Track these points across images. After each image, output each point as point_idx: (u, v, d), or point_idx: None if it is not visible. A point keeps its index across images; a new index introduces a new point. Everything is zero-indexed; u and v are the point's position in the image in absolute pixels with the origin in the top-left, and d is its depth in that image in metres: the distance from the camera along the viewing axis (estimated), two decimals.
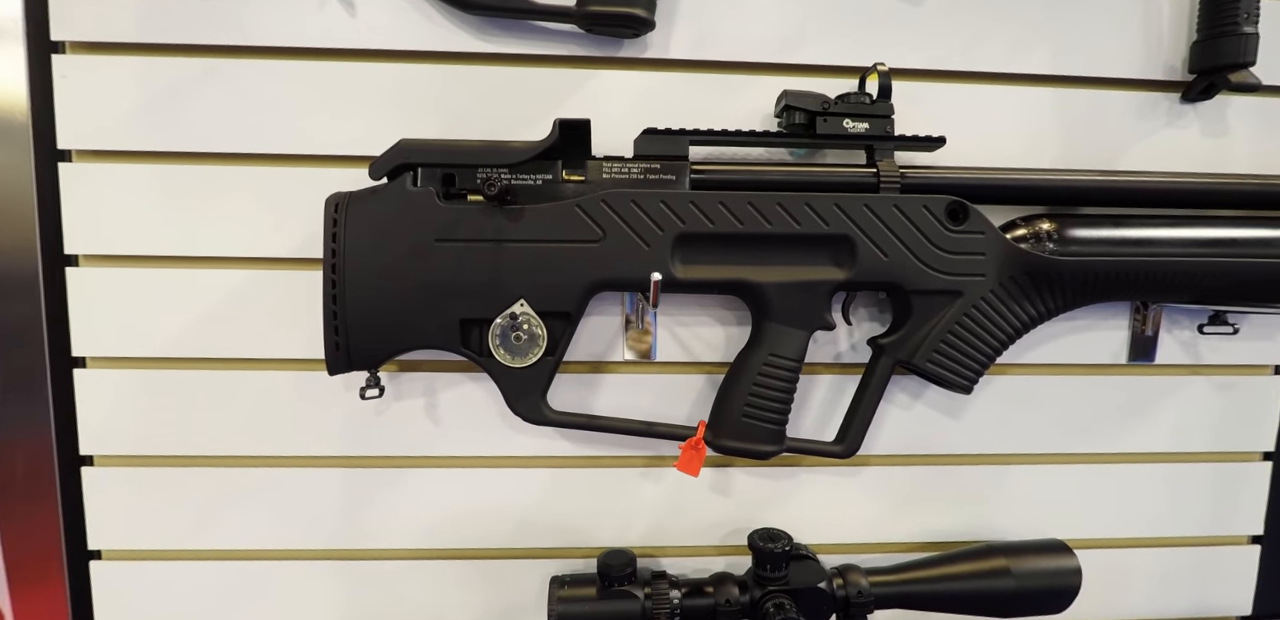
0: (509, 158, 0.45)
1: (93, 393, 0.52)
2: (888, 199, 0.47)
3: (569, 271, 0.45)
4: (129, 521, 0.53)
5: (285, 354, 0.52)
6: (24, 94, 0.49)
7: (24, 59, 0.49)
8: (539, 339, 0.45)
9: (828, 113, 0.47)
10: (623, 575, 0.49)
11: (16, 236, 0.51)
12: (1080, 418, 0.57)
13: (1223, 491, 0.60)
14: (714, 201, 0.46)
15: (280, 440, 0.53)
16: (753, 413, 0.47)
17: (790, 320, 0.47)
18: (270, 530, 0.54)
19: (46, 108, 0.49)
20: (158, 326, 0.51)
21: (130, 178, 0.50)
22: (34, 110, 0.50)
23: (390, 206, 0.44)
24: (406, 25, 0.49)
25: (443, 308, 0.45)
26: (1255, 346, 0.57)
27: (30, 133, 0.50)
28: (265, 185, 0.51)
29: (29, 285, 0.52)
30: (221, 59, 0.49)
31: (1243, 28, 0.49)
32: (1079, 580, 0.50)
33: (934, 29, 0.52)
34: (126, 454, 0.53)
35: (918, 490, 0.57)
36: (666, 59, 0.51)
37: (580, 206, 0.45)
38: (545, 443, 0.54)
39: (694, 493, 0.56)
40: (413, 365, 0.53)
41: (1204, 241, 0.48)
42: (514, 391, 0.46)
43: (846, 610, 0.49)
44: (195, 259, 0.51)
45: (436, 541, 0.54)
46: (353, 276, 0.44)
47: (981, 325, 0.48)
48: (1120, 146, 0.54)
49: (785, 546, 0.49)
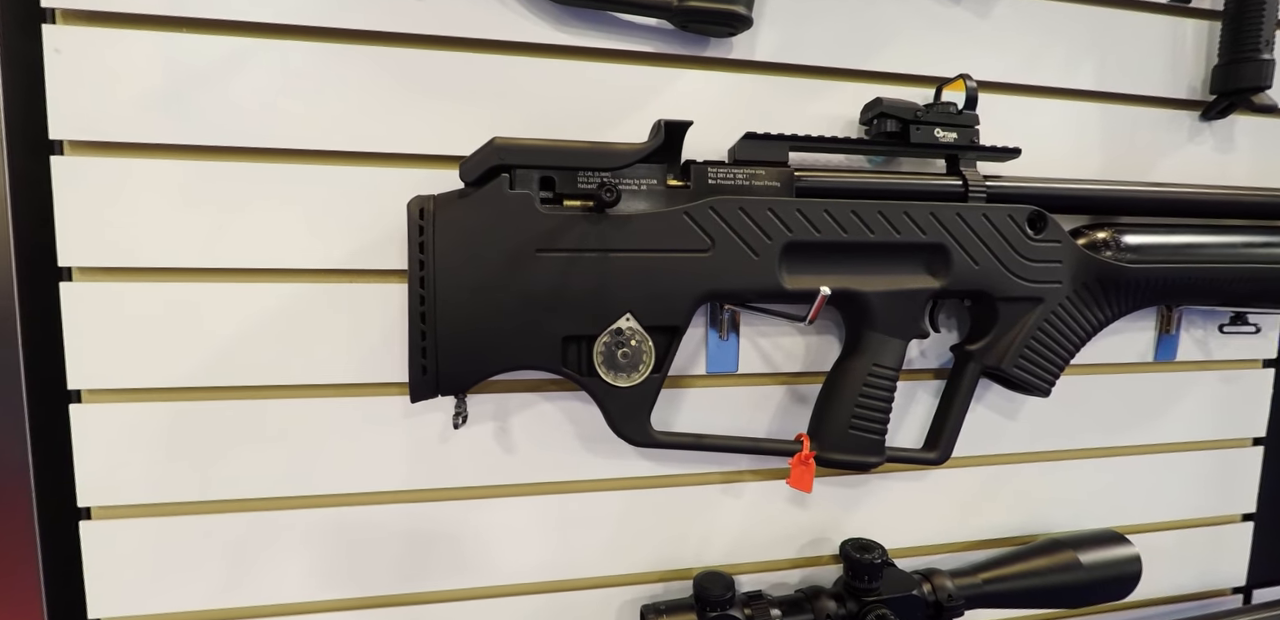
0: (613, 161, 0.41)
1: (91, 432, 0.43)
2: (977, 208, 0.47)
3: (678, 283, 0.43)
4: (140, 583, 0.45)
5: (330, 379, 0.46)
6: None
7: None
8: (646, 355, 0.42)
9: (920, 121, 0.47)
10: (723, 599, 0.47)
11: None
12: (1117, 413, 0.61)
13: (1220, 475, 0.66)
14: (819, 210, 0.45)
15: (328, 477, 0.46)
16: (859, 424, 0.46)
17: (891, 330, 0.47)
18: (319, 582, 0.47)
19: (33, 89, 0.40)
20: (173, 351, 0.43)
21: (142, 175, 0.42)
22: (8, 92, 0.41)
23: (485, 213, 0.40)
24: (477, 11, 0.44)
25: (543, 324, 0.41)
26: (1248, 342, 0.63)
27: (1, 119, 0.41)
28: (308, 186, 0.44)
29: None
30: (256, 38, 0.42)
31: (1262, 54, 0.54)
32: (1140, 567, 0.53)
33: (998, 42, 0.53)
34: (135, 503, 0.45)
35: (980, 491, 0.58)
36: (750, 60, 0.49)
37: (689, 214, 0.43)
38: (622, 464, 0.51)
39: (772, 507, 0.55)
40: (482, 386, 0.48)
41: (1239, 248, 0.52)
42: (620, 413, 0.43)
43: (939, 615, 0.50)
44: (221, 272, 0.44)
45: (508, 577, 0.50)
46: (445, 291, 0.39)
47: (1059, 330, 0.50)
48: (1150, 159, 0.58)
49: (879, 557, 0.49)
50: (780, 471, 0.54)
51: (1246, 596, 0.68)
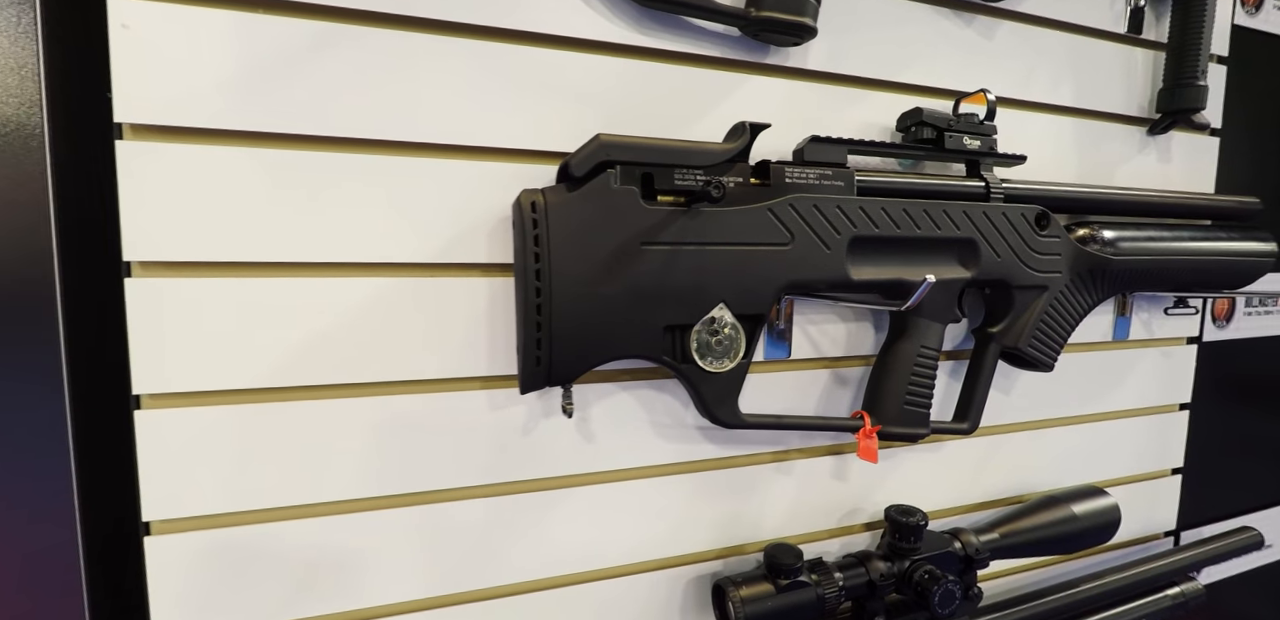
0: (707, 159, 0.44)
1: (155, 440, 0.40)
2: (998, 208, 0.54)
3: (763, 274, 0.46)
4: (208, 600, 0.42)
5: (413, 375, 0.45)
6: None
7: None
8: (738, 342, 0.45)
9: (953, 129, 0.53)
10: (794, 568, 0.51)
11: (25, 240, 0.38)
12: (1084, 385, 0.70)
13: (1153, 435, 0.78)
14: (877, 207, 0.49)
15: (412, 475, 0.46)
16: (911, 400, 0.51)
17: (934, 315, 0.52)
18: (403, 582, 0.46)
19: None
20: (244, 350, 0.41)
21: (216, 164, 0.40)
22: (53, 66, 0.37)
23: (594, 207, 0.41)
24: (565, 10, 0.45)
25: (649, 314, 0.43)
26: (1179, 323, 0.75)
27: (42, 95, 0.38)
28: (389, 178, 0.43)
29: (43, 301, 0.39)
30: (336, 23, 0.41)
31: (1199, 81, 0.64)
32: (1120, 514, 0.62)
33: (999, 62, 0.61)
34: (202, 514, 0.42)
35: (981, 458, 0.66)
36: (803, 69, 0.53)
37: (772, 210, 0.46)
38: (689, 448, 0.54)
39: (816, 482, 0.59)
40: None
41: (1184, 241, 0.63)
42: (714, 397, 0.46)
43: (969, 567, 0.56)
44: (301, 266, 0.42)
45: (585, 564, 0.51)
46: (559, 283, 0.40)
47: (1061, 313, 0.57)
48: (1111, 167, 0.68)
49: (921, 520, 0.55)
50: (822, 448, 0.59)
51: (1176, 538, 0.81)
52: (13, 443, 0.40)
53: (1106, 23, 0.65)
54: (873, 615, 0.55)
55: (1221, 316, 0.80)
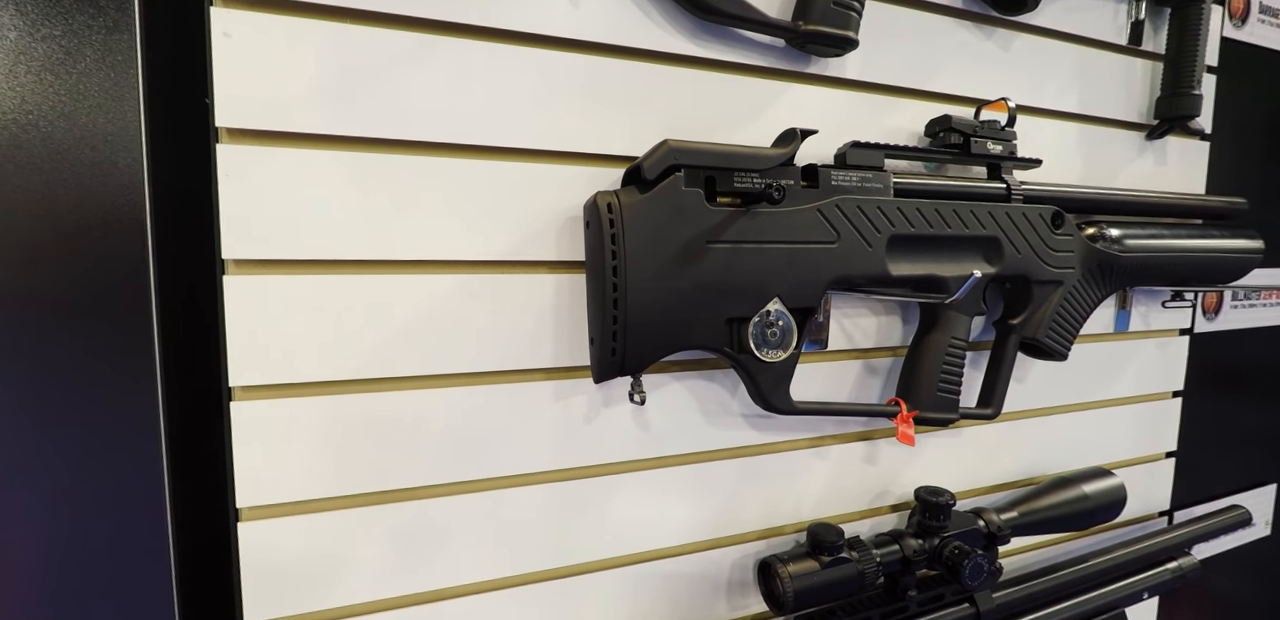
0: (766, 163, 0.47)
1: (249, 430, 0.42)
2: (1018, 208, 0.58)
3: (813, 270, 0.49)
4: (300, 583, 0.44)
5: (486, 367, 0.48)
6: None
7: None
8: (791, 333, 0.49)
9: (979, 135, 0.57)
10: (837, 545, 0.54)
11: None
12: (1090, 374, 0.75)
13: (1151, 421, 0.83)
14: (913, 207, 0.53)
15: (484, 461, 0.48)
16: (944, 387, 0.55)
17: (963, 308, 0.56)
18: (475, 563, 0.49)
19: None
20: (332, 343, 0.44)
21: (308, 166, 0.42)
22: (153, 73, 0.39)
23: (665, 208, 0.44)
24: (626, 22, 0.48)
25: (713, 308, 0.46)
26: (1173, 315, 0.81)
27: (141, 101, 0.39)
28: (467, 181, 0.46)
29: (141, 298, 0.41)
30: (424, 34, 0.43)
31: (1195, 90, 0.69)
32: (1125, 493, 0.67)
33: (1015, 72, 0.65)
34: (290, 501, 0.44)
35: (997, 442, 0.70)
36: (841, 78, 0.57)
37: (820, 211, 0.49)
38: (735, 434, 0.57)
39: (849, 466, 0.63)
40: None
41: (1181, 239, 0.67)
42: (769, 386, 0.49)
43: (993, 543, 0.60)
44: (388, 263, 0.45)
45: (644, 545, 0.54)
46: (634, 279, 0.43)
47: (1074, 306, 0.62)
48: (1113, 170, 0.73)
49: (950, 499, 0.59)
50: (854, 434, 0.62)
51: (1170, 517, 0.86)
52: (110, 429, 0.41)
53: (1110, 35, 0.70)
54: (905, 589, 0.58)
55: (1211, 309, 0.85)
